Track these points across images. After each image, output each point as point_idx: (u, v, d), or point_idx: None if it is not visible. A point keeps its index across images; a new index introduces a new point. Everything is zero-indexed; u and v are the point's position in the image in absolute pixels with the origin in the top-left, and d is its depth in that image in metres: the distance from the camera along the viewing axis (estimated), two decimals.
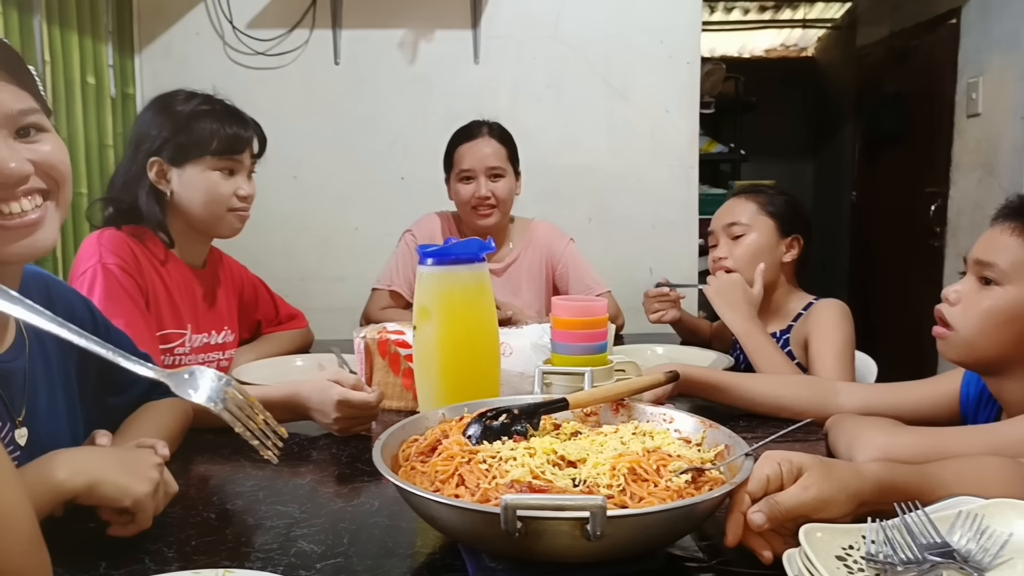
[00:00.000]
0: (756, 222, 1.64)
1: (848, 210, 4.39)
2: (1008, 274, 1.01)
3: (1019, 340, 1.01)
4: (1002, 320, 1.01)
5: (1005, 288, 1.01)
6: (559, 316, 1.17)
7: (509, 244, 2.10)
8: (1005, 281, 1.01)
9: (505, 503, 0.60)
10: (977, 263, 1.05)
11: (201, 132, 1.39)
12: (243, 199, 1.44)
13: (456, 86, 2.52)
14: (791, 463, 0.72)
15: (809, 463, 0.72)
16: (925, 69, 3.48)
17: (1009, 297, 1.01)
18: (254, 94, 2.42)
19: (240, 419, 0.86)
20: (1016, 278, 1.00)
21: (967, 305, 1.04)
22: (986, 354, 1.04)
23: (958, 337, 1.05)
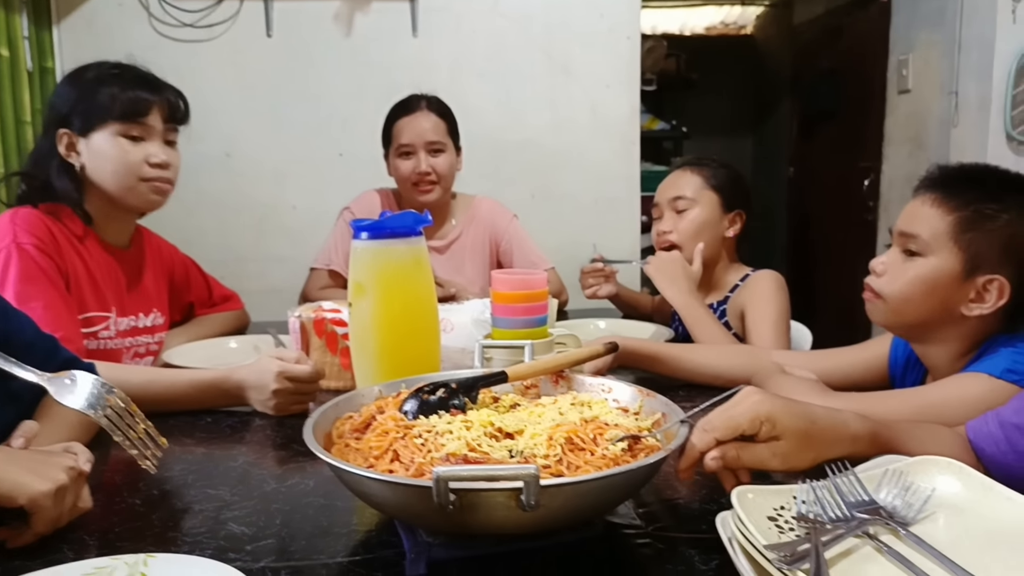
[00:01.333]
0: (701, 196, 1.66)
1: (785, 186, 4.48)
2: (930, 244, 1.04)
3: (942, 307, 1.04)
4: (925, 289, 1.04)
5: (927, 258, 1.04)
6: (499, 290, 1.16)
7: (452, 221, 2.08)
8: (927, 252, 1.04)
9: (437, 476, 0.59)
10: (901, 235, 1.08)
11: (104, 96, 1.32)
12: (157, 167, 1.37)
13: (394, 60, 2.47)
14: (773, 425, 0.72)
15: (789, 431, 0.73)
16: (858, 47, 3.56)
17: (931, 266, 1.04)
18: (183, 68, 2.32)
19: (120, 427, 0.83)
20: (937, 248, 1.03)
21: (893, 275, 1.07)
22: (911, 320, 1.07)
23: (885, 305, 1.08)
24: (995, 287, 1.01)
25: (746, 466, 0.74)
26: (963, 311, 1.03)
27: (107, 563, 0.68)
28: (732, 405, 0.75)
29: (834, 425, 0.76)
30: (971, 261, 1.02)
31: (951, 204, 1.03)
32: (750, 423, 0.73)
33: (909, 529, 0.64)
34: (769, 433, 0.73)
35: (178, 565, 0.68)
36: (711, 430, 0.73)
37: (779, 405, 0.74)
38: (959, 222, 1.02)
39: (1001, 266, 1.01)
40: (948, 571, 0.58)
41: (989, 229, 1.01)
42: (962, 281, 1.02)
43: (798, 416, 0.74)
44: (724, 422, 0.73)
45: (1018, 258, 1.01)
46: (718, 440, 0.73)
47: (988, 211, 1.01)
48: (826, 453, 0.74)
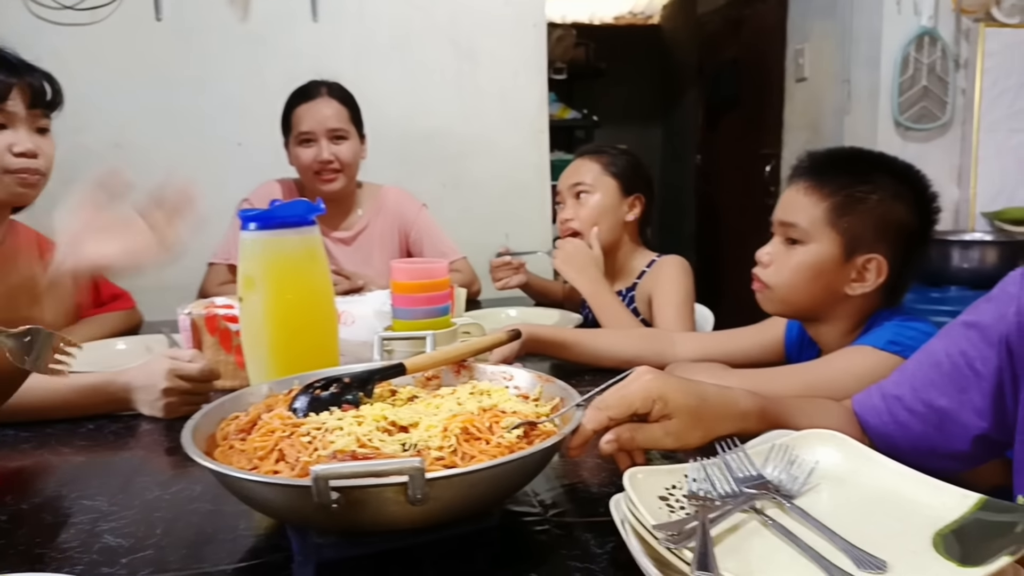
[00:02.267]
0: (600, 182, 1.67)
1: (693, 173, 4.60)
2: (808, 232, 1.07)
3: (827, 290, 1.08)
4: (810, 275, 1.08)
5: (808, 245, 1.08)
6: (398, 280, 1.14)
7: (358, 211, 2.03)
8: (807, 239, 1.08)
9: (315, 474, 0.56)
10: (781, 224, 1.11)
11: None
12: (22, 156, 1.27)
13: (294, 46, 2.38)
14: (665, 404, 0.73)
15: (681, 409, 0.73)
16: (758, 37, 3.67)
17: (813, 253, 1.08)
18: (65, 54, 2.18)
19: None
20: (816, 234, 1.07)
21: (778, 265, 1.11)
22: (800, 306, 1.11)
23: (773, 294, 1.12)
24: (873, 266, 1.05)
25: (640, 447, 0.74)
26: (847, 291, 1.07)
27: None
28: (625, 384, 0.75)
29: (724, 402, 0.77)
30: (849, 243, 1.06)
31: (824, 191, 1.07)
32: (643, 401, 0.73)
33: (794, 502, 0.66)
34: (661, 411, 0.73)
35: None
36: (604, 408, 0.73)
37: (671, 383, 0.75)
38: (833, 207, 1.06)
39: (877, 244, 1.05)
40: (828, 540, 0.60)
41: (862, 211, 1.05)
42: (843, 263, 1.06)
43: (689, 394, 0.75)
44: (617, 401, 0.74)
45: (891, 235, 1.06)
46: (611, 419, 0.73)
47: (859, 193, 1.06)
48: (717, 429, 0.75)
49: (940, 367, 0.81)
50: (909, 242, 1.07)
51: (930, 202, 1.08)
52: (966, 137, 2.83)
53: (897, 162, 1.10)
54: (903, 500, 0.65)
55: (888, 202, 1.05)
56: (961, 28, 2.79)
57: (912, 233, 1.07)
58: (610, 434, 0.73)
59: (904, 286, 1.10)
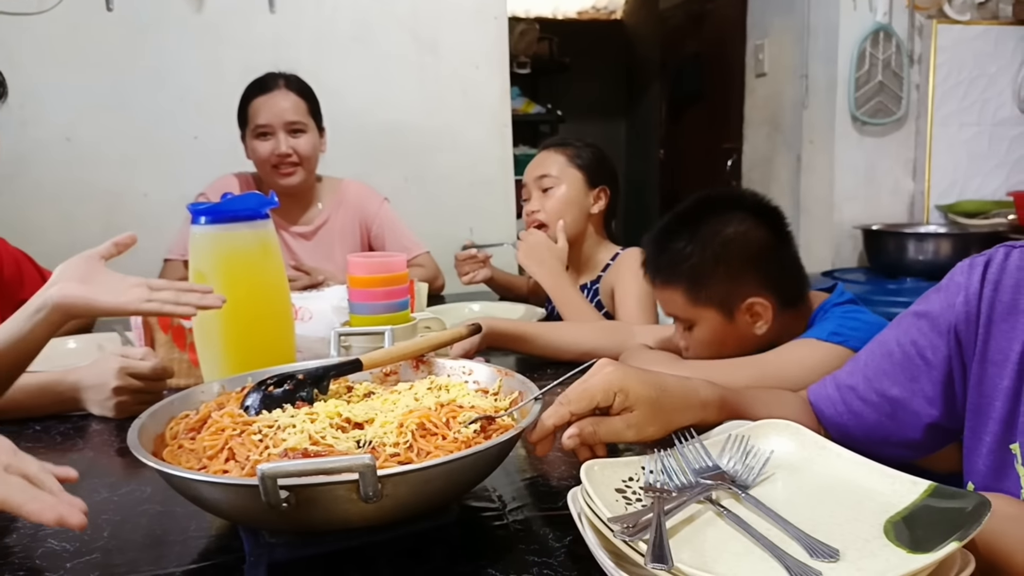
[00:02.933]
0: (565, 174, 1.67)
1: (656, 167, 4.63)
2: (692, 316, 1.10)
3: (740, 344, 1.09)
4: (719, 343, 1.10)
5: (700, 325, 1.10)
6: (355, 274, 1.12)
7: (318, 205, 2.00)
8: (698, 319, 1.10)
9: (262, 473, 0.55)
10: (676, 320, 1.13)
11: None
12: None
13: (251, 37, 2.33)
14: (626, 396, 0.72)
15: (641, 400, 0.73)
16: (719, 32, 3.70)
17: (707, 329, 1.10)
18: (11, 44, 2.11)
19: None
20: (700, 315, 1.09)
21: (695, 347, 1.13)
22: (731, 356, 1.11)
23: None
24: (758, 307, 1.07)
25: (603, 440, 0.74)
26: (756, 333, 1.09)
27: None
28: (586, 378, 0.75)
29: (684, 392, 0.77)
30: (724, 306, 1.08)
31: (674, 284, 1.10)
32: (604, 394, 0.73)
33: (749, 492, 0.66)
34: (623, 404, 0.73)
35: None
36: (566, 403, 0.73)
37: (631, 375, 0.75)
38: (688, 291, 1.09)
39: (742, 289, 1.07)
40: (781, 529, 0.60)
41: (708, 275, 1.07)
42: (732, 322, 1.08)
43: (649, 385, 0.75)
44: (578, 395, 0.73)
45: (745, 270, 1.07)
46: (573, 413, 0.73)
47: (685, 263, 1.08)
48: (677, 420, 0.75)
49: (892, 357, 0.82)
50: (767, 258, 1.08)
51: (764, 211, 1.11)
52: (920, 131, 2.89)
53: (693, 202, 1.14)
54: (856, 488, 0.66)
55: (713, 249, 1.07)
56: (915, 24, 2.85)
57: (762, 250, 1.08)
58: (572, 428, 0.72)
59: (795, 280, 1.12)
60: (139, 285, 0.92)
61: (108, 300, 0.90)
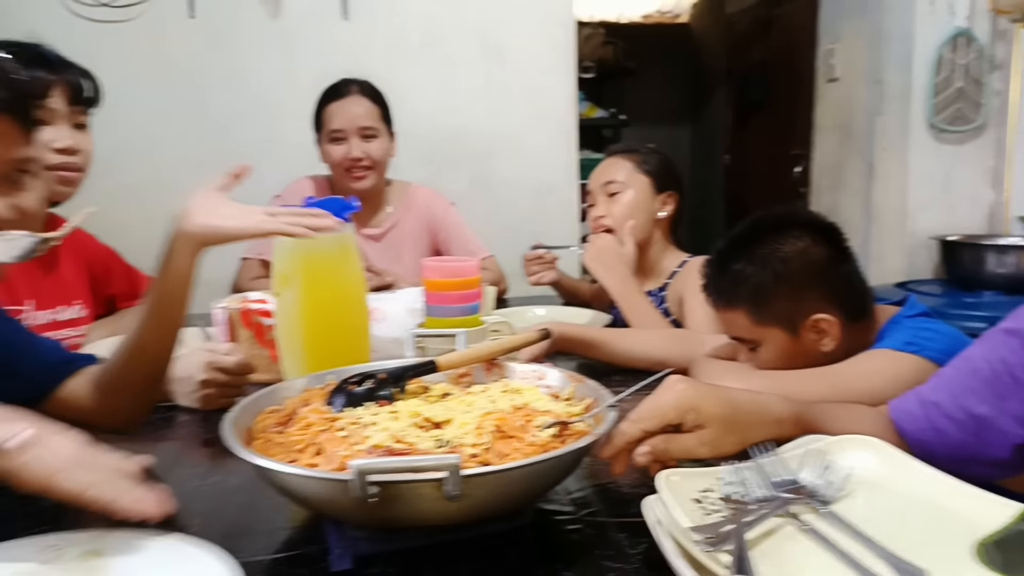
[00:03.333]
0: (632, 180, 1.67)
1: (722, 173, 4.57)
2: (760, 339, 1.09)
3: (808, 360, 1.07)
4: (787, 360, 1.08)
5: (767, 346, 1.09)
6: (430, 278, 1.14)
7: (387, 208, 2.04)
8: (764, 340, 1.09)
9: (355, 469, 0.57)
10: (740, 341, 1.12)
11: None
12: (62, 152, 1.29)
13: (325, 44, 2.40)
14: (698, 414, 0.72)
15: (714, 418, 0.73)
16: (788, 37, 3.63)
17: (772, 349, 1.09)
18: (98, 51, 2.18)
19: None
20: (767, 337, 1.08)
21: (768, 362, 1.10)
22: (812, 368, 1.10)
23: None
24: (823, 324, 1.06)
25: (675, 457, 0.74)
26: (822, 350, 1.07)
27: (61, 539, 0.66)
28: (657, 395, 0.75)
29: (757, 408, 0.77)
30: (792, 322, 1.06)
31: (733, 304, 1.09)
32: (676, 412, 0.73)
33: (829, 507, 0.66)
34: (695, 422, 0.73)
35: (134, 539, 0.67)
36: (638, 420, 0.73)
37: (703, 392, 0.75)
38: (752, 311, 1.07)
39: (806, 306, 1.06)
40: (864, 546, 0.60)
41: (765, 294, 1.06)
42: (798, 339, 1.07)
43: (721, 402, 0.75)
44: (650, 413, 0.73)
45: (810, 286, 1.06)
46: (644, 431, 0.73)
47: (746, 283, 1.07)
48: (751, 437, 0.75)
49: (979, 374, 0.80)
50: (828, 273, 1.07)
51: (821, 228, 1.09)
52: (1001, 140, 2.78)
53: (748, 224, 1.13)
54: (941, 507, 0.64)
55: (773, 267, 1.06)
56: (996, 29, 2.74)
57: (823, 265, 1.07)
58: (644, 446, 0.72)
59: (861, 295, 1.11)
60: (260, 211, 0.96)
61: (234, 223, 0.93)
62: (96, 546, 0.66)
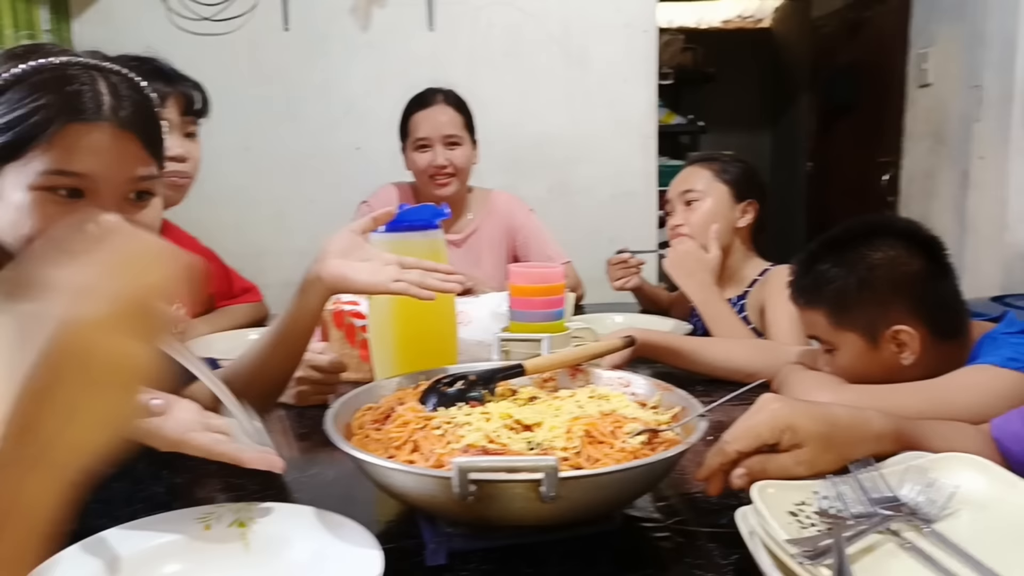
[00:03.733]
0: (711, 188, 1.65)
1: (803, 180, 4.45)
2: (837, 347, 1.08)
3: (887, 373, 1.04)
4: (864, 373, 1.06)
5: (840, 352, 1.07)
6: (516, 283, 1.16)
7: (468, 214, 2.08)
8: (838, 346, 1.07)
9: (457, 466, 0.59)
10: (821, 343, 1.11)
11: None
12: (172, 160, 1.36)
13: (411, 54, 2.47)
14: (795, 433, 0.71)
15: (811, 436, 0.72)
16: (877, 40, 3.52)
17: (848, 356, 1.07)
18: (199, 62, 2.30)
19: None
20: (846, 345, 1.07)
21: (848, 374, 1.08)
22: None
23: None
24: (905, 337, 1.03)
25: (772, 477, 0.72)
26: (902, 363, 1.04)
27: (212, 509, 0.72)
28: (752, 414, 0.74)
29: (856, 425, 0.75)
30: (871, 330, 1.04)
31: (814, 303, 1.08)
32: (771, 432, 0.72)
33: (932, 526, 0.64)
34: (791, 441, 0.72)
35: (278, 512, 0.73)
36: (733, 441, 0.73)
37: (799, 411, 0.74)
38: (831, 313, 1.06)
39: (888, 317, 1.03)
40: (971, 569, 0.58)
41: (846, 298, 1.05)
42: (876, 349, 1.05)
43: (818, 420, 0.73)
44: (744, 434, 0.73)
45: (897, 297, 1.03)
46: (739, 452, 0.72)
47: (829, 285, 1.06)
48: (850, 454, 0.73)
49: None
50: (918, 286, 1.04)
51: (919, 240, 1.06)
52: None
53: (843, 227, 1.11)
54: None
55: (859, 273, 1.04)
56: None
57: (913, 277, 1.04)
58: (741, 468, 0.71)
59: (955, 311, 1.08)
60: (392, 263, 0.95)
61: (364, 279, 0.93)
62: (242, 516, 0.72)
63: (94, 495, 0.79)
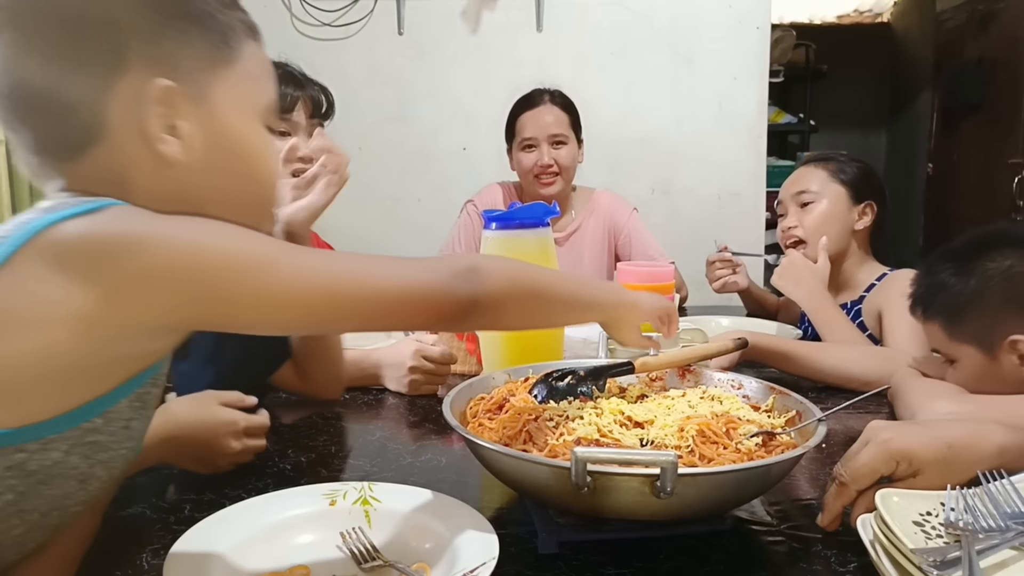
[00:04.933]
0: (826, 189, 1.60)
1: (923, 183, 4.21)
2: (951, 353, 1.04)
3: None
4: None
5: (960, 364, 1.03)
6: (625, 282, 1.17)
7: (571, 213, 2.09)
8: (953, 357, 1.03)
9: (576, 456, 0.61)
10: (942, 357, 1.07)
11: None
12: (300, 160, 1.44)
13: (518, 55, 2.50)
14: (910, 462, 0.69)
15: (927, 462, 0.69)
16: (1010, 34, 3.29)
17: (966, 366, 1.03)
18: (319, 65, 2.42)
19: None
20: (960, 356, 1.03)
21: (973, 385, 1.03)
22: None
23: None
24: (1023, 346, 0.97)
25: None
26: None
27: (339, 487, 0.78)
28: (866, 450, 0.71)
29: (975, 442, 0.71)
30: (987, 342, 0.99)
31: (930, 315, 1.05)
32: (886, 465, 0.70)
33: None
34: (907, 471, 0.70)
35: (399, 492, 0.77)
36: (852, 483, 0.70)
37: (912, 438, 0.71)
38: (946, 324, 1.02)
39: (1002, 323, 0.98)
40: None
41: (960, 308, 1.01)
42: (994, 360, 0.99)
43: (935, 445, 0.70)
44: (860, 472, 0.70)
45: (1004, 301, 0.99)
46: (858, 492, 0.70)
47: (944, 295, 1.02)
48: (971, 473, 0.70)
49: None
50: None
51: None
52: None
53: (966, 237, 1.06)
54: None
55: (974, 283, 1.00)
56: None
57: None
58: (860, 509, 0.70)
59: None
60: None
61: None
62: (365, 494, 0.76)
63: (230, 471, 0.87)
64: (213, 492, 0.83)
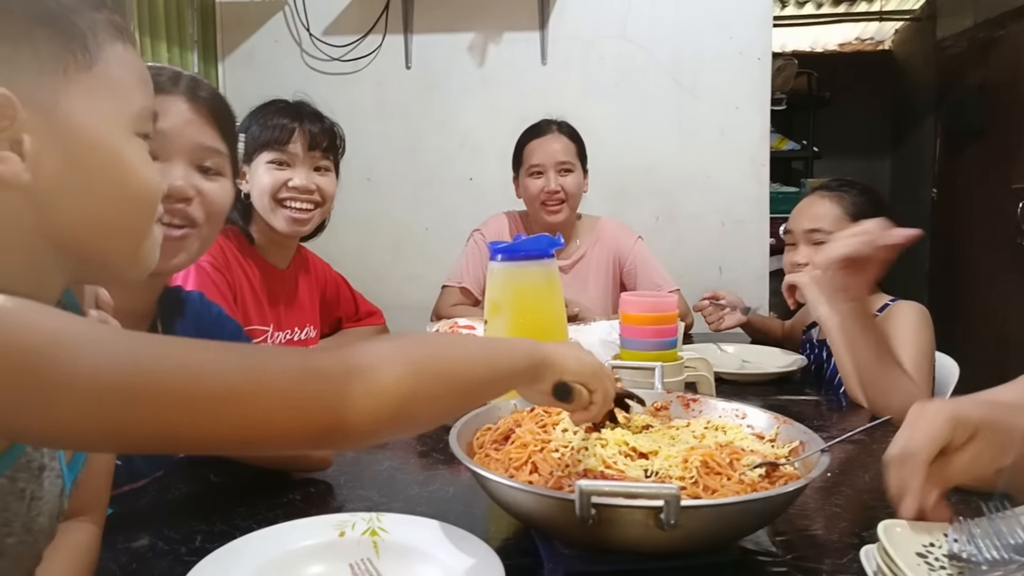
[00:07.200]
0: (840, 228, 1.59)
1: (927, 209, 4.22)
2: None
3: None
4: None
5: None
6: (628, 312, 1.18)
7: (576, 241, 2.12)
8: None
9: (580, 489, 0.62)
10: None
11: (259, 126, 1.45)
12: (293, 189, 1.46)
13: (524, 87, 2.55)
14: (965, 425, 0.66)
15: (983, 422, 0.67)
16: (1010, 60, 3.32)
17: None
18: (330, 99, 2.45)
19: None
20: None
21: None
22: None
23: None
24: None
25: (956, 483, 0.68)
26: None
27: (347, 517, 0.78)
28: (917, 425, 0.68)
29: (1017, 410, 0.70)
30: None
31: None
32: (945, 429, 0.66)
33: None
34: (964, 436, 0.67)
35: (406, 523, 0.78)
36: (919, 452, 0.66)
37: (962, 403, 0.70)
38: None
39: None
40: None
41: None
42: None
43: (981, 405, 0.70)
44: (920, 441, 0.66)
45: None
46: (926, 463, 0.66)
47: None
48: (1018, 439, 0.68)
49: None
50: None
51: None
52: None
53: None
54: None
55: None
56: None
57: None
58: (935, 501, 0.66)
59: None
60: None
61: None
62: (373, 525, 0.77)
63: (240, 500, 0.88)
64: (224, 523, 0.84)
